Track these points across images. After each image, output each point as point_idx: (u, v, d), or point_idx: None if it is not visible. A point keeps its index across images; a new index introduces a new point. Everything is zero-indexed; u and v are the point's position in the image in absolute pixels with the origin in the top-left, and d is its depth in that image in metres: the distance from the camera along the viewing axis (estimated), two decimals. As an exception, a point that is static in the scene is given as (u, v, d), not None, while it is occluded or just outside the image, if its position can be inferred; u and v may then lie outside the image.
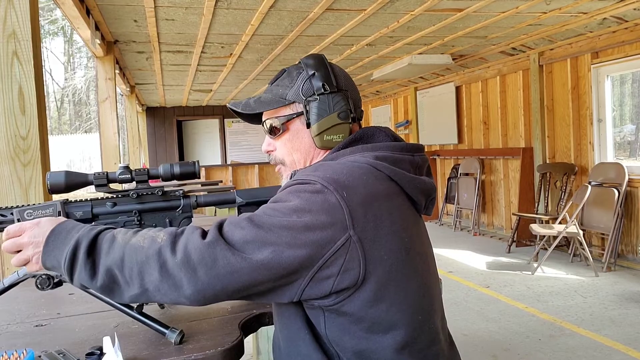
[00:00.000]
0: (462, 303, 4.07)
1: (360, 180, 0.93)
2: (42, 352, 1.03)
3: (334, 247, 0.87)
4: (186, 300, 0.89)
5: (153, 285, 0.88)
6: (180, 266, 0.87)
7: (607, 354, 3.02)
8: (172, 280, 0.87)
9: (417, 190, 1.00)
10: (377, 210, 0.92)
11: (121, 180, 1.13)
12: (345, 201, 0.89)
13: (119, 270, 0.90)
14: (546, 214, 5.72)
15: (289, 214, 0.88)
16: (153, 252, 0.89)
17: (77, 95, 22.83)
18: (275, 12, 3.95)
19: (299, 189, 0.92)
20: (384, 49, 5.66)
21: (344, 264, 0.88)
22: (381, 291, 0.92)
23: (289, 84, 1.08)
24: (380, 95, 10.00)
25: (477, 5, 4.01)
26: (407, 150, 1.04)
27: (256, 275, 0.86)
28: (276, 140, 1.11)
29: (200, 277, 0.86)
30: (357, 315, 0.93)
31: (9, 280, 1.14)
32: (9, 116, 1.81)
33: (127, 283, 0.90)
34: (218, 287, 0.87)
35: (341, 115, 1.05)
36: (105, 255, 0.91)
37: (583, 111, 5.47)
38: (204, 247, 0.87)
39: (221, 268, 0.86)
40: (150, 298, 0.91)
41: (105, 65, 4.65)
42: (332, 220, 0.88)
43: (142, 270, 0.88)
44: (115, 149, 4.68)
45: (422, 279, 0.99)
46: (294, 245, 0.86)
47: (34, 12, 1.86)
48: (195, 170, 1.18)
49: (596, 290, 4.25)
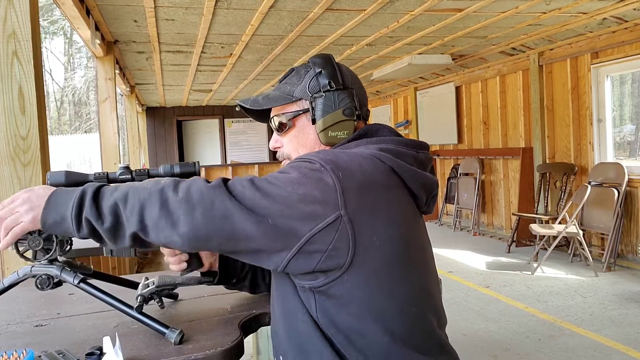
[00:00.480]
0: (462, 303, 4.07)
1: (359, 167, 0.95)
2: (42, 352, 1.03)
3: (323, 222, 0.89)
4: (179, 239, 0.90)
5: (152, 221, 0.91)
6: (180, 203, 0.90)
7: (607, 354, 3.03)
8: (170, 217, 0.90)
9: (418, 185, 1.01)
10: (375, 197, 0.94)
11: (122, 181, 1.13)
12: (340, 182, 0.91)
13: (123, 205, 0.92)
14: (546, 214, 5.73)
15: (286, 185, 0.91)
16: (156, 190, 0.92)
17: (77, 96, 22.83)
18: (275, 12, 3.95)
19: (300, 165, 0.95)
20: (384, 49, 5.66)
21: (333, 242, 0.90)
22: (374, 278, 0.93)
23: (297, 81, 1.11)
24: (380, 96, 10.01)
25: (477, 6, 4.01)
26: (412, 146, 1.05)
27: (248, 226, 0.88)
28: (283, 136, 1.14)
29: (196, 217, 0.89)
30: (345, 298, 0.94)
31: (9, 280, 1.14)
32: (9, 116, 1.81)
33: (127, 219, 0.92)
34: (211, 229, 0.89)
35: (346, 112, 1.07)
36: (110, 195, 0.94)
37: (583, 111, 5.47)
38: (206, 189, 0.91)
39: (217, 211, 0.89)
40: (147, 236, 0.92)
41: (105, 65, 4.65)
42: (324, 197, 0.90)
43: (143, 206, 0.91)
44: (115, 149, 4.68)
45: (420, 274, 1.00)
46: (286, 213, 0.89)
47: (34, 12, 1.86)
48: (196, 170, 1.18)
49: (596, 290, 4.25)
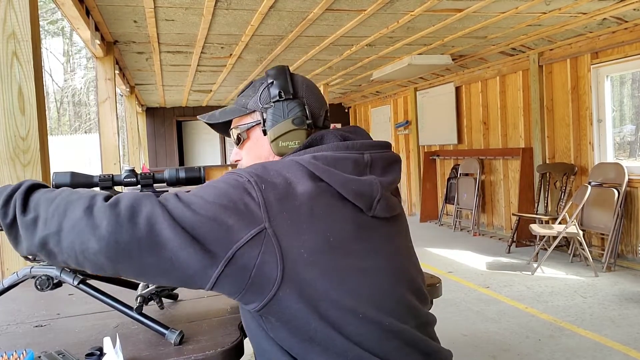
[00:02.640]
0: (462, 303, 4.07)
1: (282, 177, 0.94)
2: (42, 353, 1.03)
3: (247, 235, 0.88)
4: (96, 244, 0.85)
5: (70, 222, 0.87)
6: (106, 208, 0.87)
7: (607, 354, 3.02)
8: (92, 220, 0.86)
9: (351, 192, 0.97)
10: (297, 208, 0.92)
11: (126, 184, 1.14)
12: (262, 194, 0.91)
13: (45, 208, 0.90)
14: (546, 214, 5.73)
15: (212, 197, 0.91)
16: (88, 195, 0.91)
17: (76, 96, 22.83)
18: (275, 12, 3.95)
19: (228, 178, 0.95)
20: (384, 50, 5.67)
21: (260, 256, 0.88)
22: (307, 291, 0.91)
23: (252, 94, 1.13)
24: (380, 96, 10.01)
25: (476, 6, 4.01)
26: (355, 148, 1.03)
27: (174, 235, 0.86)
28: (241, 149, 1.16)
29: (121, 219, 0.85)
30: (286, 315, 0.92)
31: (8, 281, 1.14)
32: (9, 117, 1.81)
33: (45, 221, 0.89)
34: (134, 234, 0.85)
35: (295, 122, 1.07)
36: (43, 192, 0.93)
37: (583, 111, 5.47)
38: (137, 195, 0.90)
39: (143, 216, 0.86)
40: (60, 241, 0.88)
41: (105, 66, 4.65)
42: (247, 210, 0.90)
43: (67, 207, 0.89)
44: (115, 149, 4.68)
45: (362, 277, 0.96)
46: (209, 224, 0.88)
47: (34, 12, 1.86)
48: (201, 175, 1.18)
49: (596, 291, 4.25)
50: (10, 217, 0.92)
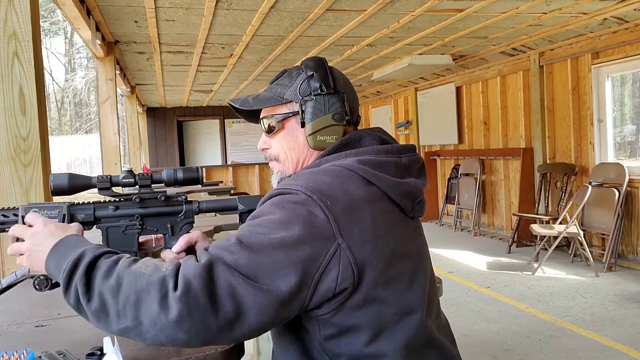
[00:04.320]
0: (463, 303, 4.07)
1: (340, 187, 0.93)
2: (43, 353, 1.03)
3: (326, 257, 0.87)
4: (184, 335, 0.81)
5: (149, 317, 0.81)
6: (181, 297, 0.80)
7: (607, 354, 3.02)
8: (172, 314, 0.79)
9: (400, 194, 0.99)
10: (360, 215, 0.92)
11: (124, 184, 1.13)
12: (330, 210, 0.89)
13: (113, 297, 0.83)
14: (546, 214, 5.72)
15: (275, 229, 0.87)
16: (156, 280, 0.82)
17: (77, 96, 22.84)
18: (276, 12, 3.95)
19: (283, 200, 0.91)
20: (384, 50, 5.66)
21: (340, 274, 0.88)
22: (370, 295, 0.92)
23: (288, 83, 1.09)
24: (381, 96, 10.01)
25: (477, 6, 4.01)
26: (393, 152, 1.04)
27: (259, 300, 0.82)
28: (272, 138, 1.13)
29: (202, 305, 0.80)
30: (348, 323, 0.93)
31: (7, 280, 1.14)
32: (10, 117, 1.81)
33: (118, 313, 0.83)
34: (221, 315, 0.81)
35: (336, 117, 1.05)
36: (103, 276, 0.85)
37: (583, 111, 5.47)
38: (203, 270, 0.82)
39: (222, 290, 0.81)
40: (142, 333, 0.82)
41: (105, 66, 4.66)
42: (320, 230, 0.87)
43: (139, 299, 0.81)
44: (115, 149, 4.68)
45: (413, 279, 0.99)
46: (288, 264, 0.84)
47: (35, 12, 1.86)
48: (199, 176, 1.18)
49: (597, 291, 4.24)
50: (73, 302, 0.87)
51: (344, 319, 0.92)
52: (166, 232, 1.19)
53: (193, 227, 1.20)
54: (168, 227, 1.18)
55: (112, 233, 1.16)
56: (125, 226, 1.16)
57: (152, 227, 1.17)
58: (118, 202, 1.16)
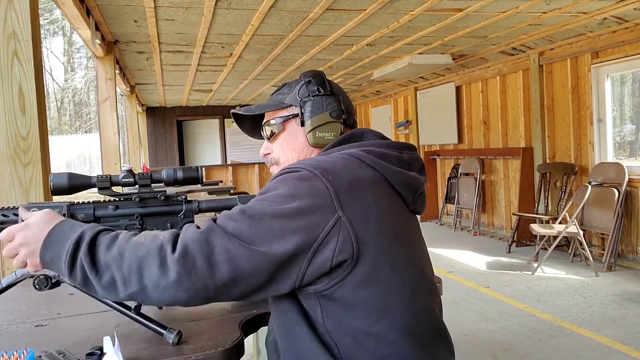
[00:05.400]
0: (462, 303, 4.07)
1: (344, 167, 0.97)
2: (43, 353, 1.03)
3: (325, 228, 0.90)
4: (184, 293, 0.87)
5: (152, 281, 0.87)
6: (178, 259, 0.86)
7: (607, 354, 3.02)
8: (171, 276, 0.86)
9: (401, 183, 1.03)
10: (363, 194, 0.95)
11: (124, 184, 1.13)
12: (331, 184, 0.93)
13: (117, 267, 0.89)
14: (546, 214, 5.72)
15: (279, 202, 0.91)
16: (154, 246, 0.89)
17: (77, 96, 22.84)
18: (276, 12, 3.95)
19: (287, 177, 0.96)
20: (384, 49, 5.66)
21: (338, 245, 0.91)
22: (374, 274, 0.94)
23: (288, 91, 1.17)
24: (381, 95, 10.01)
25: (477, 5, 4.01)
26: (395, 147, 1.08)
27: (254, 262, 0.87)
28: (273, 142, 1.18)
29: (199, 267, 0.86)
30: (351, 299, 0.94)
31: (7, 280, 1.14)
32: (9, 116, 1.81)
33: (124, 281, 0.89)
34: (217, 277, 0.87)
35: (333, 114, 1.12)
36: (106, 249, 0.91)
37: (583, 111, 5.47)
38: (201, 235, 0.88)
39: (219, 255, 0.87)
40: (148, 296, 0.89)
41: (105, 66, 4.65)
42: (320, 202, 0.91)
43: (141, 266, 0.88)
44: (115, 149, 4.68)
45: (418, 266, 1.02)
46: (287, 231, 0.89)
47: (34, 12, 1.86)
48: (199, 175, 1.19)
49: (596, 290, 4.25)
50: (80, 279, 0.91)
51: (347, 293, 0.94)
52: None
53: None
54: (168, 227, 1.19)
55: None
56: (125, 226, 1.16)
57: (151, 226, 1.18)
58: (118, 201, 1.17)
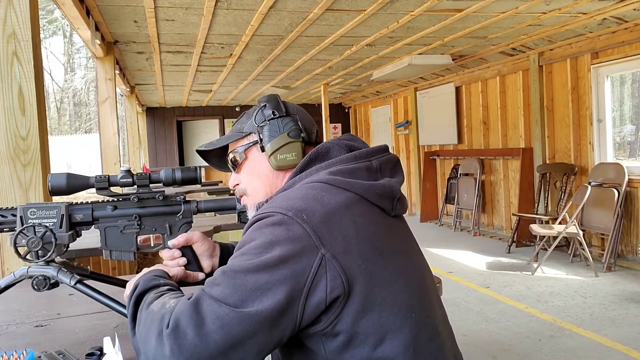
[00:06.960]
0: (462, 303, 4.07)
1: (315, 199, 0.94)
2: (42, 353, 1.03)
3: (312, 270, 0.88)
4: None
5: (152, 352, 0.87)
6: (170, 334, 0.85)
7: (607, 354, 3.02)
8: (166, 349, 0.85)
9: (376, 196, 1.01)
10: (340, 221, 0.93)
11: (122, 184, 1.13)
12: (307, 223, 0.90)
13: (135, 331, 0.93)
14: (546, 214, 5.73)
15: (258, 253, 0.89)
16: (158, 317, 0.89)
17: (77, 96, 22.84)
18: (275, 12, 3.95)
19: (261, 225, 0.93)
20: (384, 49, 5.66)
21: (328, 284, 0.88)
22: (368, 300, 0.92)
23: (246, 120, 1.17)
24: (380, 96, 10.01)
25: (477, 6, 4.01)
26: (363, 157, 1.06)
27: (247, 325, 0.84)
28: (239, 172, 1.17)
29: (190, 340, 0.84)
30: (351, 331, 0.93)
31: (5, 281, 1.14)
32: (9, 116, 1.81)
33: (139, 342, 0.92)
34: (212, 347, 0.84)
35: (291, 134, 1.11)
36: (141, 307, 0.96)
37: (583, 111, 5.47)
38: (190, 307, 0.86)
39: (210, 324, 0.84)
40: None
41: (105, 66, 4.65)
42: (301, 245, 0.88)
43: (147, 336, 0.89)
44: (115, 149, 4.68)
45: (407, 276, 1.00)
46: (274, 283, 0.86)
47: (34, 12, 1.86)
48: (197, 176, 1.19)
49: (596, 291, 4.25)
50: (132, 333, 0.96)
51: (347, 326, 0.92)
52: (165, 232, 1.19)
53: (192, 226, 1.21)
54: (166, 227, 1.19)
55: (110, 233, 1.16)
56: (123, 226, 1.16)
57: (150, 226, 1.18)
58: (116, 202, 1.16)
